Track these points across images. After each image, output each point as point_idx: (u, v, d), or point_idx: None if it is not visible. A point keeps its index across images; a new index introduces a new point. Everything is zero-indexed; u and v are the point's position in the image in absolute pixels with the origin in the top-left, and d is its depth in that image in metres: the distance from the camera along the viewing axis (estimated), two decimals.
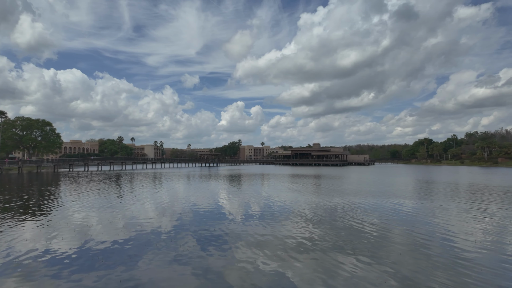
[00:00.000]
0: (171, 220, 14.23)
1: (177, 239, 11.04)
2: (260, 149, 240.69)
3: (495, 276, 7.54)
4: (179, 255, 9.29)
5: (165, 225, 13.29)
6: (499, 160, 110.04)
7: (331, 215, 15.51)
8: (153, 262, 8.74)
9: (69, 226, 13.15)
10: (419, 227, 12.80)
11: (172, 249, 9.81)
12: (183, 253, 9.47)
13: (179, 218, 14.68)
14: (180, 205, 18.67)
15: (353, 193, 25.54)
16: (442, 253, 9.36)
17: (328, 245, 10.28)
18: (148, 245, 10.24)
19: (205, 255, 9.26)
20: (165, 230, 12.31)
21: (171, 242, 10.64)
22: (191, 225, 13.21)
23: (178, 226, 13.12)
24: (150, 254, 9.36)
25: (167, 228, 12.65)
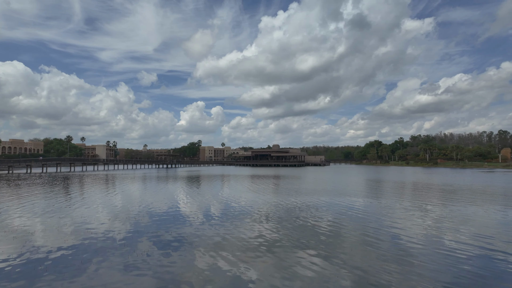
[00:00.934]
0: (126, 225, 13.55)
1: (132, 244, 10.55)
2: (221, 150, 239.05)
3: (435, 267, 8.30)
4: (134, 260, 8.88)
5: (119, 229, 12.62)
6: (438, 161, 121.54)
7: (289, 214, 15.91)
8: (106, 268, 8.25)
9: (7, 234, 11.89)
10: (369, 224, 13.65)
11: (127, 255, 9.34)
12: (138, 258, 9.07)
13: (134, 222, 14.03)
14: (135, 209, 17.85)
15: (309, 192, 26.47)
16: (390, 247, 10.09)
17: (286, 243, 10.54)
18: (100, 252, 9.65)
19: (162, 260, 8.97)
20: (119, 235, 11.69)
21: (125, 247, 10.13)
22: (147, 229, 12.70)
23: (133, 230, 12.53)
24: (102, 261, 8.82)
25: (121, 233, 12.02)
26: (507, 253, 9.28)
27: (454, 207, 18.29)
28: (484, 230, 12.23)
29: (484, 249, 9.69)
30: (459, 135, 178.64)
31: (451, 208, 17.92)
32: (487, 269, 7.98)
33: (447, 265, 8.31)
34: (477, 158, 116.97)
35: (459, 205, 19.06)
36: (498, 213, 16.31)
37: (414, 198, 22.56)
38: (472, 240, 10.75)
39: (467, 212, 16.39)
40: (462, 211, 16.71)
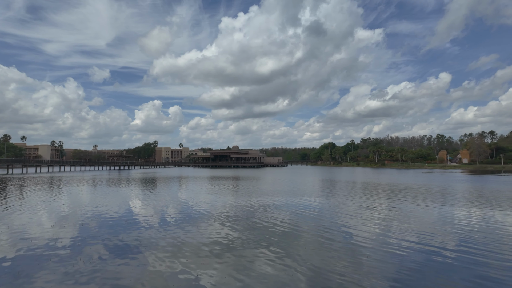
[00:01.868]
0: (72, 231, 12.57)
1: (79, 251, 9.82)
2: (178, 151, 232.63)
3: (381, 262, 8.93)
4: (80, 269, 8.27)
5: (64, 237, 11.67)
6: (386, 162, 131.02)
7: (247, 215, 16.02)
8: (45, 280, 7.57)
9: None
10: (323, 222, 14.26)
11: (72, 263, 8.67)
12: (86, 266, 8.46)
13: (82, 228, 13.08)
14: (83, 214, 16.65)
15: (268, 193, 26.90)
16: (342, 244, 10.62)
17: (244, 244, 10.59)
18: (42, 261, 8.83)
19: (113, 267, 8.47)
20: (64, 243, 10.81)
21: (71, 255, 9.40)
22: (97, 235, 11.91)
23: (81, 237, 11.67)
24: (43, 271, 8.08)
25: (66, 240, 11.12)
26: (444, 248, 10.27)
27: (398, 205, 19.83)
28: (424, 227, 13.43)
29: (424, 245, 10.62)
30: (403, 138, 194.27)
31: (396, 206, 19.41)
32: (426, 264, 8.77)
33: (392, 261, 8.97)
34: (418, 159, 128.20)
35: (403, 203, 20.72)
36: (435, 210, 18.01)
37: (364, 197, 24.04)
38: (413, 237, 11.73)
39: (409, 210, 17.87)
40: (405, 209, 18.18)
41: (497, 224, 13.72)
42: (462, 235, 11.74)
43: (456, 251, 9.65)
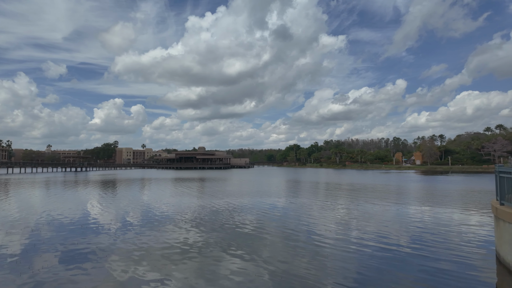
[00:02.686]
0: (22, 238, 11.58)
1: (30, 259, 9.07)
2: (141, 152, 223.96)
3: (343, 258, 9.31)
4: (31, 278, 7.63)
5: (13, 244, 10.71)
6: (346, 163, 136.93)
7: (212, 217, 15.86)
8: None
9: None
10: (288, 222, 14.54)
11: (22, 272, 7.98)
12: (38, 275, 7.83)
13: (33, 235, 12.09)
14: (34, 219, 15.42)
15: (234, 194, 26.85)
16: (306, 243, 10.91)
17: (209, 246, 10.47)
18: None
19: (68, 275, 7.93)
20: (13, 250, 9.92)
21: (20, 263, 8.65)
22: (50, 242, 11.08)
23: (32, 244, 10.79)
24: None
25: (15, 248, 10.22)
26: (399, 245, 10.93)
27: (358, 204, 20.81)
28: (381, 225, 14.22)
29: (381, 242, 11.24)
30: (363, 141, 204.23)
31: (356, 205, 20.35)
32: (384, 260, 9.28)
33: (352, 259, 9.37)
34: (376, 161, 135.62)
35: (362, 202, 21.78)
36: (391, 209, 19.16)
37: (326, 197, 24.91)
38: (372, 235, 12.36)
39: (368, 209, 18.82)
40: (364, 208, 19.12)
41: (444, 221, 14.92)
42: (415, 231, 12.60)
43: (410, 247, 10.32)
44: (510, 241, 7.76)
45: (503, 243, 8.28)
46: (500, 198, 8.95)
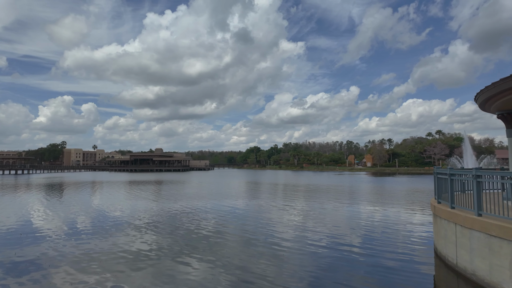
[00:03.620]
0: None
1: None
2: (92, 153, 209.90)
3: (301, 258, 9.64)
4: None
5: None
6: (304, 165, 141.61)
7: (171, 221, 15.43)
8: None
9: None
10: (247, 224, 14.66)
11: None
12: None
13: None
14: None
15: (192, 197, 26.36)
16: (264, 244, 11.09)
17: (168, 251, 10.19)
18: None
19: None
20: None
21: None
22: None
23: None
24: None
25: None
26: (352, 245, 11.61)
27: (314, 205, 21.65)
28: (336, 224, 14.95)
29: (335, 243, 11.82)
30: (319, 144, 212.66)
31: (312, 206, 21.14)
32: (339, 259, 9.78)
33: (309, 260, 9.74)
34: (331, 163, 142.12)
35: (318, 202, 22.69)
36: (344, 209, 20.22)
37: (285, 198, 25.53)
38: (327, 235, 12.96)
39: (324, 209, 19.67)
40: (320, 208, 19.95)
41: (391, 219, 16.13)
42: (365, 231, 13.44)
43: (360, 247, 10.99)
44: (445, 236, 8.65)
45: (440, 238, 9.19)
46: (438, 197, 9.93)
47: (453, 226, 8.12)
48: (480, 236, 6.96)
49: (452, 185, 8.57)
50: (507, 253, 6.22)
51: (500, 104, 9.79)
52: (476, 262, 7.11)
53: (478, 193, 7.34)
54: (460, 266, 7.72)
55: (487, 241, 6.74)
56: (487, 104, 10.19)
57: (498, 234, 6.42)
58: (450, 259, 8.30)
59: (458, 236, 7.87)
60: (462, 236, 7.65)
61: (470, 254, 7.32)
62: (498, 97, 9.02)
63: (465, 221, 7.46)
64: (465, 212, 7.80)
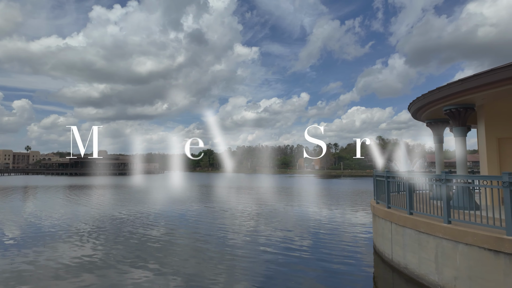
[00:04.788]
0: None
1: None
2: (24, 155, 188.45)
3: (252, 261, 9.76)
4: None
5: None
6: (257, 168, 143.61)
7: (116, 228, 14.54)
8: None
9: None
10: (199, 229, 14.43)
11: None
12: None
13: None
14: None
15: (140, 202, 25.12)
16: (217, 249, 11.03)
17: (113, 260, 9.58)
18: None
19: None
20: None
21: None
22: None
23: None
24: None
25: None
26: (301, 247, 12.08)
27: (266, 207, 22.08)
28: (286, 225, 15.42)
29: (285, 247, 12.20)
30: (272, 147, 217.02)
31: (264, 208, 21.54)
32: (288, 260, 10.12)
33: (260, 264, 9.91)
34: (283, 165, 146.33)
35: (269, 205, 23.19)
36: (294, 210, 20.95)
37: (238, 201, 25.61)
38: (278, 238, 13.31)
39: (274, 212, 20.16)
40: (271, 211, 20.41)
41: (337, 220, 17.14)
42: (313, 232, 14.09)
43: (309, 247, 11.52)
44: (382, 233, 9.46)
45: (378, 235, 10.02)
46: (376, 198, 10.82)
47: (389, 225, 8.92)
48: (411, 233, 7.75)
49: (388, 186, 9.41)
50: (433, 247, 7.02)
51: (428, 114, 11.04)
52: (408, 257, 7.89)
53: (410, 193, 8.18)
54: (395, 261, 8.50)
55: (417, 237, 7.54)
56: (418, 114, 11.42)
57: (426, 230, 7.21)
58: (386, 255, 9.09)
59: (393, 234, 8.66)
60: (397, 233, 8.44)
61: (403, 249, 8.10)
62: (427, 108, 10.16)
63: (399, 220, 8.25)
64: (400, 211, 8.62)
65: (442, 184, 7.10)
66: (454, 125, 9.41)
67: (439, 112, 10.20)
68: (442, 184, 7.09)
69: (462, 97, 8.39)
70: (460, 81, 8.02)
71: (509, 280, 5.49)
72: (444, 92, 8.59)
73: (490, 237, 5.79)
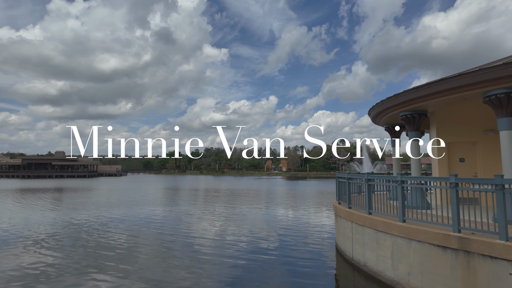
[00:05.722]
0: None
1: None
2: None
3: (220, 263, 9.67)
4: None
5: None
6: (225, 170, 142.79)
7: (75, 233, 13.68)
8: None
9: None
10: (164, 233, 14.03)
11: None
12: None
13: None
14: None
15: (101, 205, 23.89)
16: (183, 253, 10.79)
17: (72, 267, 8.99)
18: None
19: None
20: None
21: None
22: None
23: None
24: None
25: None
26: (267, 249, 12.18)
27: (233, 209, 22.03)
28: (252, 230, 15.49)
29: (253, 249, 12.26)
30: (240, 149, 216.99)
31: (231, 210, 21.48)
32: (256, 261, 10.17)
33: (227, 267, 9.87)
34: (251, 167, 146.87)
35: (237, 206, 23.15)
36: (261, 212, 21.11)
37: (205, 203, 25.27)
38: (245, 240, 13.34)
39: (242, 214, 20.18)
40: (238, 213, 20.41)
41: (303, 220, 17.54)
42: (280, 234, 14.30)
43: (276, 249, 11.66)
44: (344, 233, 9.84)
45: (340, 235, 10.41)
46: (339, 198, 11.24)
47: (350, 224, 9.30)
48: (370, 232, 8.15)
49: (350, 187, 9.82)
50: (389, 245, 7.43)
51: (386, 119, 11.70)
52: (367, 255, 8.28)
53: (369, 194, 8.60)
54: (355, 259, 8.88)
55: (375, 235, 7.94)
56: (377, 118, 12.05)
57: (383, 229, 7.62)
58: (347, 253, 9.46)
59: (353, 233, 9.04)
60: (357, 233, 8.83)
61: (362, 248, 8.49)
62: (385, 113, 10.77)
63: (359, 219, 8.64)
64: (360, 211, 9.03)
65: (398, 185, 7.55)
66: (409, 130, 10.06)
67: (396, 118, 10.86)
68: (398, 185, 7.55)
69: (416, 104, 9.00)
70: (414, 89, 8.60)
71: (455, 273, 5.97)
72: (400, 98, 9.15)
73: (439, 234, 6.25)
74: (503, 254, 5.27)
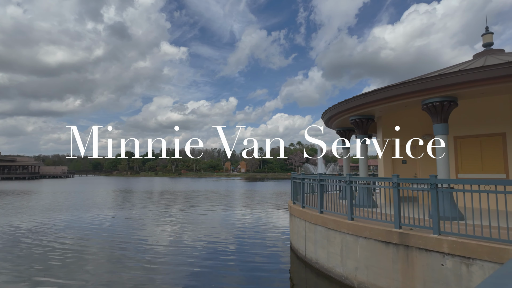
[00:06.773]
0: None
1: None
2: None
3: (176, 267, 9.37)
4: None
5: None
6: (182, 171, 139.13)
7: (12, 239, 12.32)
8: None
9: None
10: (115, 237, 13.24)
11: None
12: None
13: None
14: None
15: (43, 210, 21.85)
16: (135, 258, 10.27)
17: (11, 275, 8.06)
18: None
19: None
20: None
21: None
22: None
23: None
24: None
25: None
26: (224, 251, 12.10)
27: (190, 211, 21.55)
28: (210, 231, 15.29)
29: (208, 251, 12.10)
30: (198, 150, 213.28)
31: (187, 212, 20.98)
32: (213, 264, 10.03)
33: (183, 271, 9.61)
34: (210, 169, 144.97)
35: (193, 209, 22.69)
36: (219, 214, 20.94)
37: (160, 206, 24.37)
38: (200, 243, 13.11)
39: (198, 216, 19.82)
40: (195, 215, 20.01)
41: (260, 221, 17.73)
42: (238, 234, 14.30)
43: (233, 251, 11.62)
44: (298, 232, 10.14)
45: (294, 234, 10.71)
46: (293, 198, 11.56)
47: (303, 223, 9.61)
48: (322, 230, 8.49)
49: (303, 188, 10.15)
50: (339, 242, 7.81)
51: (338, 123, 12.31)
52: (318, 252, 8.61)
53: (321, 194, 8.96)
54: (308, 257, 9.19)
55: (326, 233, 8.29)
56: (329, 122, 12.63)
57: (333, 227, 7.99)
58: (301, 251, 9.76)
59: (306, 231, 9.36)
60: (309, 231, 9.15)
61: (314, 245, 8.82)
62: (336, 117, 11.33)
63: (312, 218, 8.96)
64: (313, 210, 9.37)
65: (347, 185, 7.97)
66: (358, 133, 10.69)
67: (347, 122, 11.49)
68: (347, 185, 7.97)
69: (364, 109, 9.61)
70: (362, 95, 9.17)
71: (396, 267, 6.46)
72: (350, 104, 9.70)
73: (382, 230, 6.72)
74: (436, 247, 5.82)
